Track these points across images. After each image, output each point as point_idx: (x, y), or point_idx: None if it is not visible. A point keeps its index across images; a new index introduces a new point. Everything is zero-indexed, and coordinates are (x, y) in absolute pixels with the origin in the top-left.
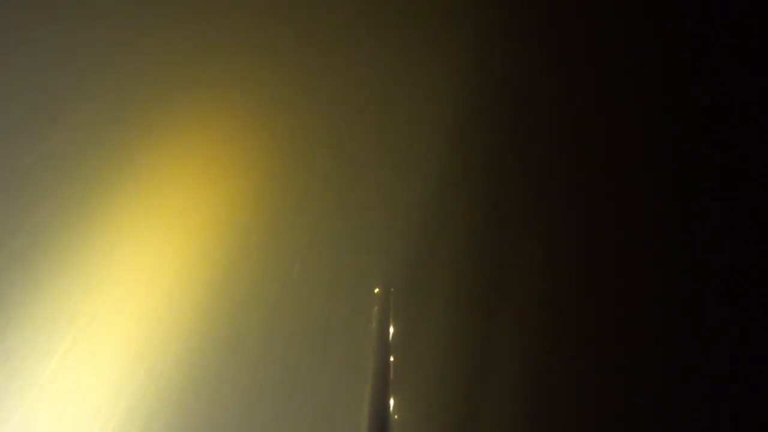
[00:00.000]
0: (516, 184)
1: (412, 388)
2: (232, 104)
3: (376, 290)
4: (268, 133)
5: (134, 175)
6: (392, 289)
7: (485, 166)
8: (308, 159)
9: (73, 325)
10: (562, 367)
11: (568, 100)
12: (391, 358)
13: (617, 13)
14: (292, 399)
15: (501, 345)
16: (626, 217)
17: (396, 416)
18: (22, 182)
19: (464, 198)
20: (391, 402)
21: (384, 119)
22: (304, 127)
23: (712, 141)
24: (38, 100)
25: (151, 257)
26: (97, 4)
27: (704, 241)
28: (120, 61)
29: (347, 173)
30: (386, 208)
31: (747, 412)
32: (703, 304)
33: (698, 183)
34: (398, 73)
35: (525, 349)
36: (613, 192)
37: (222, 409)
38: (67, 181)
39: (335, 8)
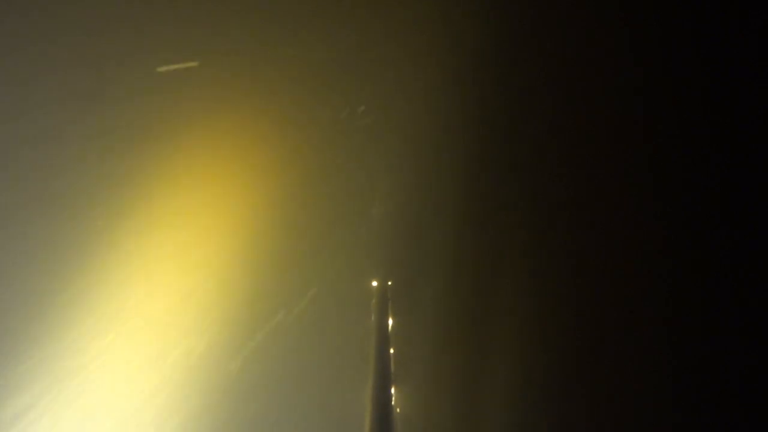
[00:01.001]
0: (513, 177)
1: (413, 380)
2: (243, 116)
3: (374, 284)
4: (270, 131)
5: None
6: (389, 283)
7: (482, 160)
8: (304, 158)
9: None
10: (560, 357)
11: (567, 99)
12: (391, 351)
13: (618, 13)
14: (295, 394)
15: (499, 334)
16: (627, 214)
17: (398, 409)
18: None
19: (460, 191)
20: (393, 394)
21: (381, 118)
22: (303, 128)
23: (712, 141)
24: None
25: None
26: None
27: (707, 241)
28: (138, 72)
29: (343, 171)
30: (383, 201)
31: (753, 412)
32: (707, 304)
33: (699, 183)
34: (395, 72)
35: (523, 338)
36: (612, 189)
37: (228, 405)
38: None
39: (340, 7)
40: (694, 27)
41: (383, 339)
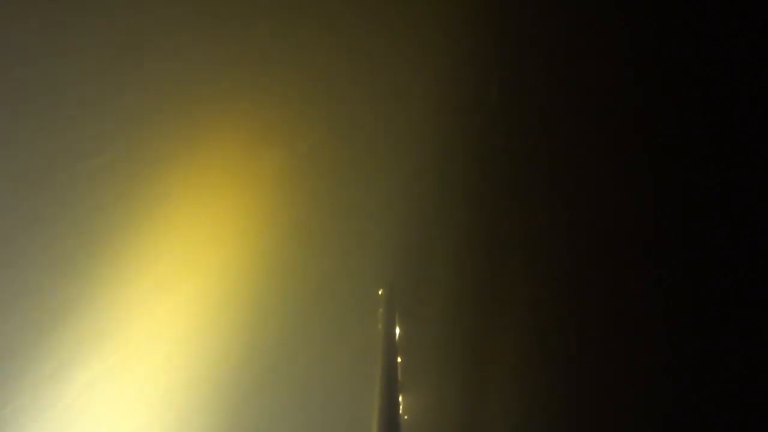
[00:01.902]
0: (517, 182)
1: (421, 389)
2: (243, 113)
3: (380, 292)
4: (269, 137)
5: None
6: (397, 291)
7: (486, 164)
8: (308, 163)
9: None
10: (571, 365)
11: (567, 99)
12: (399, 359)
13: (617, 12)
14: (301, 403)
15: (505, 341)
16: (629, 215)
17: (406, 416)
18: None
19: (465, 196)
20: (401, 403)
21: (382, 121)
22: (304, 131)
23: (712, 141)
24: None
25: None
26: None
27: (707, 241)
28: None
29: (347, 176)
30: (387, 209)
31: (752, 413)
32: (707, 304)
33: (699, 183)
34: (394, 72)
35: (527, 344)
36: (615, 189)
37: (232, 413)
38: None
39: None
40: (695, 27)
41: (391, 347)
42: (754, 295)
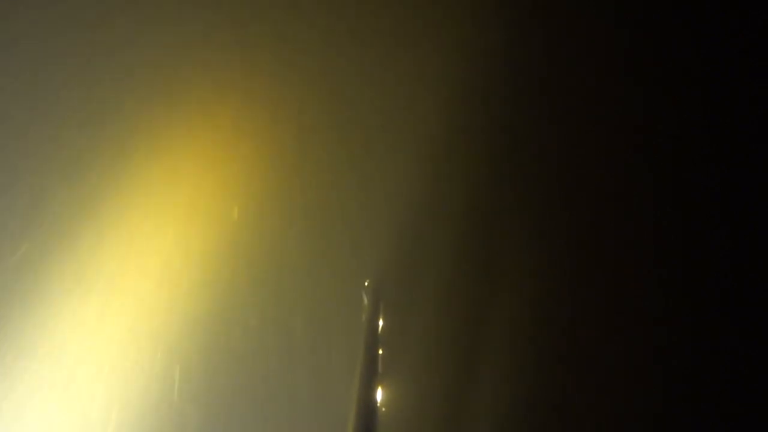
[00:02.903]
0: (510, 178)
1: (400, 381)
2: (227, 103)
3: (366, 283)
4: (256, 130)
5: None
6: (383, 282)
7: (478, 160)
8: (295, 155)
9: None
10: (554, 363)
11: (565, 99)
12: (380, 351)
13: (619, 12)
14: (279, 392)
15: (492, 338)
16: (625, 217)
17: (383, 409)
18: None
19: (455, 190)
20: (379, 395)
21: (372, 115)
22: (291, 123)
23: (712, 141)
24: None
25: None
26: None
27: (707, 241)
28: (114, 50)
29: (335, 166)
30: (375, 200)
31: (752, 413)
32: (707, 304)
33: (699, 183)
34: (388, 69)
35: (516, 343)
36: (612, 191)
37: (207, 404)
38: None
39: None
40: (695, 27)
41: (373, 339)
42: (754, 295)
